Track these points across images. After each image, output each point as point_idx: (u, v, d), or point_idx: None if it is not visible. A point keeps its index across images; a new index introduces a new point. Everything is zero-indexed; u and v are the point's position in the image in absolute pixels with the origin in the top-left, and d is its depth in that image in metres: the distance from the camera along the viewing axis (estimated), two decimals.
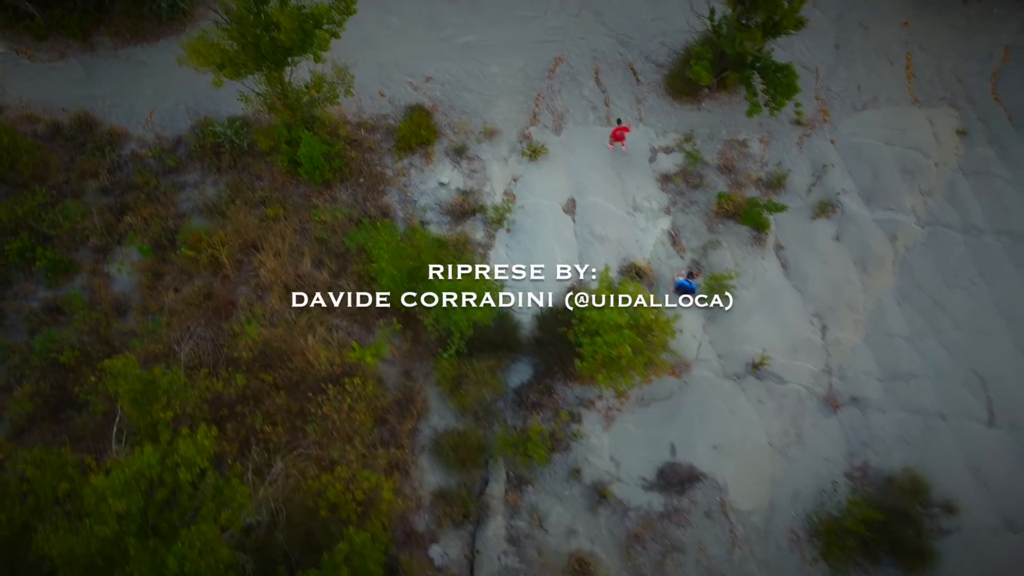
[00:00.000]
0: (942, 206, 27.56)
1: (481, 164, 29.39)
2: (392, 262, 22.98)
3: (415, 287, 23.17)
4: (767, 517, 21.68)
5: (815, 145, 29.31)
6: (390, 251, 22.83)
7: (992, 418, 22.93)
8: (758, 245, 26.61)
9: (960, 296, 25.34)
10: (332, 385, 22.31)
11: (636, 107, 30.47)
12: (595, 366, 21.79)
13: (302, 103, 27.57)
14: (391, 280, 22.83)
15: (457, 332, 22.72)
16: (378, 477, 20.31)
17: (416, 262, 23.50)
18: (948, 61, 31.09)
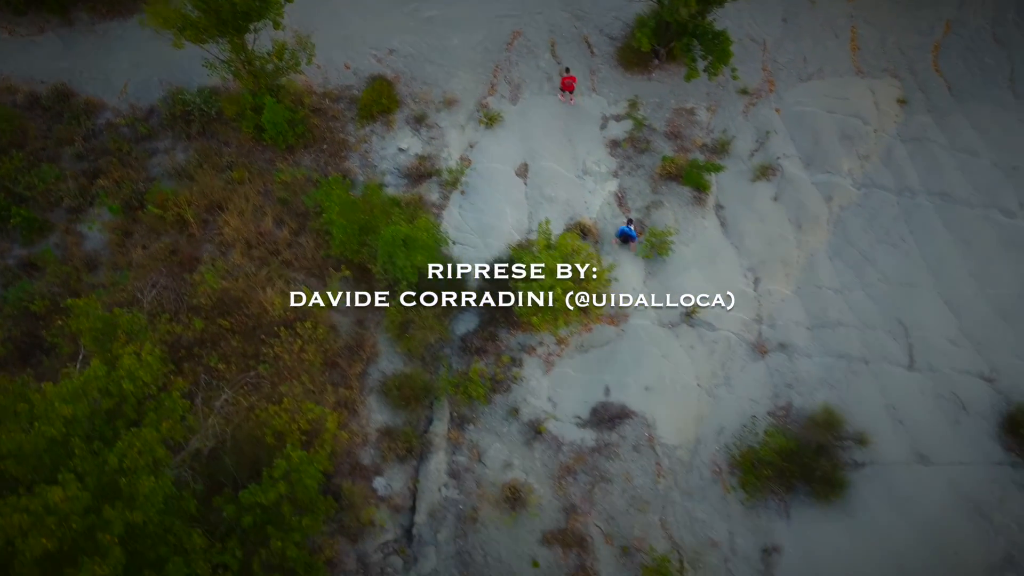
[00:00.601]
0: (879, 169, 28.79)
1: (440, 131, 30.69)
2: (343, 215, 24.21)
3: (366, 239, 24.33)
4: (692, 451, 22.91)
5: (760, 113, 30.56)
6: (341, 205, 24.06)
7: (912, 363, 24.12)
8: (698, 205, 27.86)
9: (890, 252, 26.55)
10: (284, 328, 23.50)
11: (590, 78, 31.77)
12: (531, 309, 22.98)
13: (266, 71, 28.82)
14: (342, 231, 24.06)
15: (403, 279, 23.92)
16: (322, 409, 21.51)
17: (368, 216, 24.71)
18: (892, 34, 32.35)
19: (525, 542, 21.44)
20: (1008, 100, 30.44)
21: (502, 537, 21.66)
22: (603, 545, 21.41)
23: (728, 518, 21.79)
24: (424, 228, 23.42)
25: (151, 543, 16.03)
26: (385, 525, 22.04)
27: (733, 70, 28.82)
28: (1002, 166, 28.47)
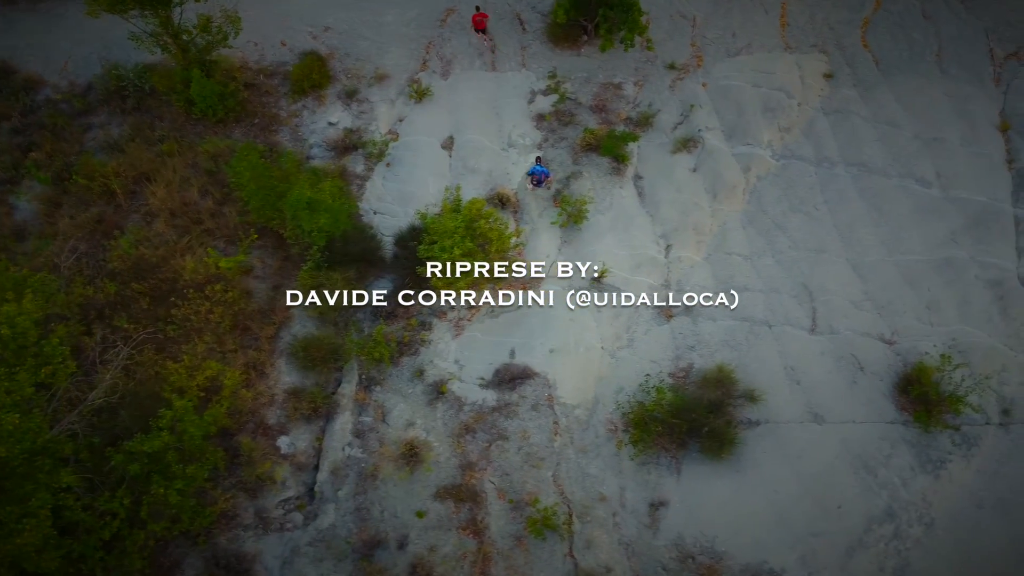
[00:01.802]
0: (799, 141, 29.09)
1: (370, 106, 31.12)
2: (256, 181, 24.61)
3: (278, 205, 24.74)
4: (590, 410, 23.24)
5: (687, 88, 30.89)
6: (253, 171, 24.47)
7: (814, 326, 24.42)
8: (617, 175, 28.21)
9: (802, 220, 26.86)
10: (193, 291, 23.91)
11: (520, 53, 32.15)
12: (435, 273, 23.38)
13: (195, 45, 29.25)
14: (255, 198, 24.47)
15: (315, 244, 24.32)
16: (220, 366, 21.94)
17: (282, 183, 25.12)
18: (821, 10, 32.66)
19: (419, 497, 21.79)
20: (934, 74, 30.69)
21: (399, 492, 22.03)
22: (495, 500, 21.73)
23: (620, 474, 22.10)
24: (329, 192, 23.71)
25: (18, 480, 16.41)
26: (286, 481, 22.34)
27: (648, 41, 29.15)
28: (923, 137, 28.72)
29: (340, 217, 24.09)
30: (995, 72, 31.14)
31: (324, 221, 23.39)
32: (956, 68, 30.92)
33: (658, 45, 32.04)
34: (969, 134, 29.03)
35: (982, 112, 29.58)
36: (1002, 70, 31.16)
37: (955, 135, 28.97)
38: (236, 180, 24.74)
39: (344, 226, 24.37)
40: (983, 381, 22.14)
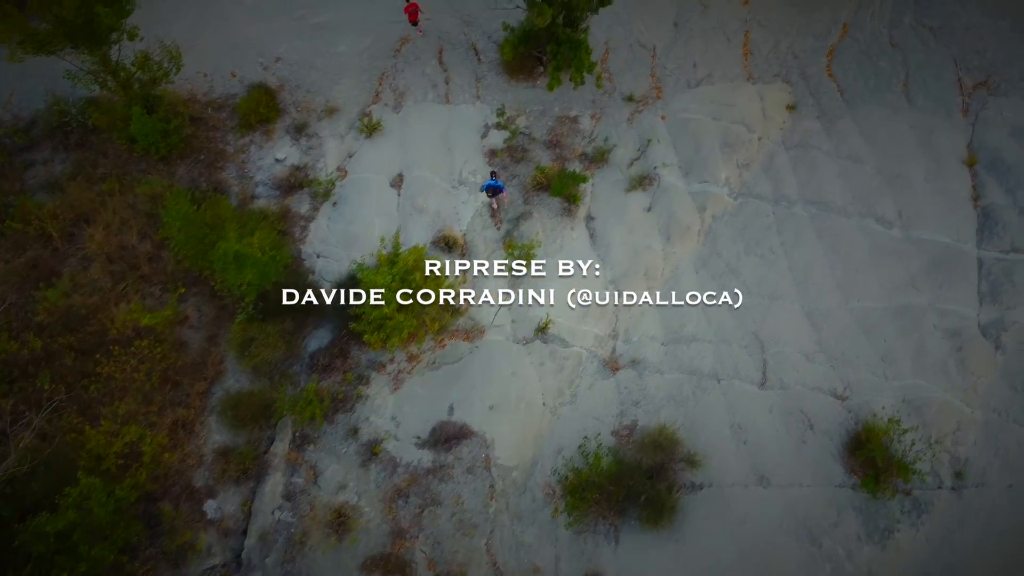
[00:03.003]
0: (757, 177, 28.14)
1: (319, 141, 30.23)
2: (185, 230, 23.74)
3: (209, 255, 23.88)
4: (528, 472, 22.38)
5: (645, 121, 29.93)
6: (182, 219, 23.59)
7: (765, 380, 23.53)
8: (568, 216, 27.30)
9: (757, 263, 25.93)
10: (117, 347, 23.07)
11: (475, 85, 31.21)
12: (368, 327, 22.51)
13: (136, 81, 28.35)
14: (182, 247, 23.61)
15: (247, 296, 23.47)
16: (141, 431, 21.12)
17: (213, 231, 24.24)
18: (786, 38, 31.64)
19: (347, 568, 21.00)
20: (900, 105, 29.71)
21: (327, 562, 21.23)
22: (425, 571, 20.89)
23: (555, 543, 21.27)
24: (259, 244, 22.82)
25: None
26: (211, 548, 21.55)
27: (599, 78, 28.21)
28: (885, 173, 27.77)
29: (270, 270, 23.17)
30: (963, 102, 30.12)
31: (251, 277, 22.51)
32: (923, 98, 29.89)
33: (616, 76, 31.07)
34: (934, 169, 28.06)
35: (948, 145, 28.61)
36: (970, 100, 30.14)
37: (919, 170, 27.99)
38: (164, 231, 23.76)
39: (277, 277, 23.42)
40: (935, 445, 21.19)
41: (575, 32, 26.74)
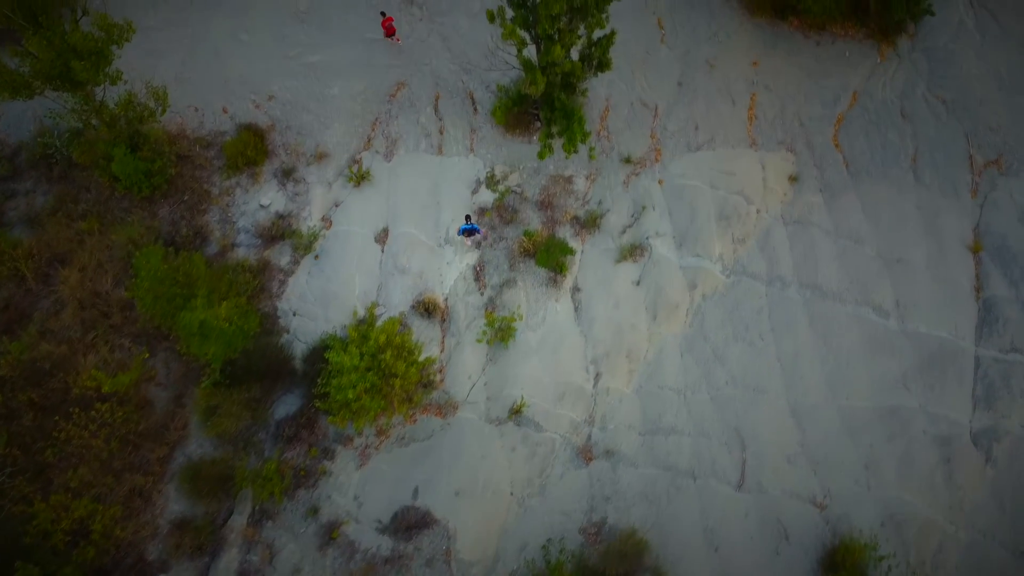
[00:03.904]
0: (752, 255, 27.21)
1: (306, 187, 29.45)
2: (154, 289, 23.05)
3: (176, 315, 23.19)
4: (489, 568, 21.66)
5: (641, 185, 29.02)
6: (151, 278, 22.89)
7: (742, 481, 22.70)
8: (553, 287, 26.47)
9: (744, 351, 25.04)
10: (78, 409, 22.42)
11: (469, 136, 30.35)
12: (333, 406, 21.78)
13: (122, 120, 27.65)
14: (150, 307, 22.92)
15: (213, 364, 22.78)
16: (94, 505, 20.48)
17: (184, 289, 23.54)
18: (793, 103, 30.60)
19: None
20: (907, 182, 28.69)
21: None
22: None
23: None
24: (226, 314, 22.07)
25: None
26: None
27: (591, 150, 27.27)
28: (886, 256, 26.81)
29: (236, 342, 22.44)
30: (973, 182, 29.08)
31: (215, 350, 21.76)
32: (931, 175, 28.85)
33: (615, 135, 30.15)
34: (937, 254, 27.08)
35: (954, 228, 27.63)
36: (980, 180, 29.09)
37: (921, 255, 27.02)
38: (132, 292, 23.06)
39: (244, 346, 22.69)
40: (914, 572, 20.26)
41: (570, 99, 25.75)
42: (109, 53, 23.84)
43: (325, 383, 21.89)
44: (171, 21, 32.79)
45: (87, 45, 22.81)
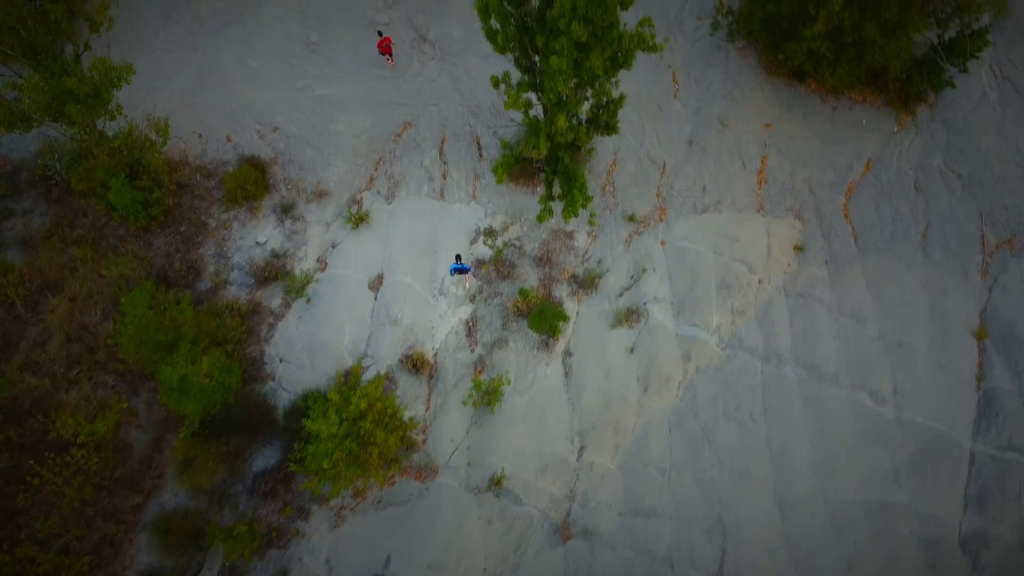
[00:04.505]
0: (751, 328, 26.65)
1: (304, 226, 29.07)
2: (138, 335, 22.75)
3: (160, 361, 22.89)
4: None
5: (643, 245, 28.49)
6: (136, 324, 22.60)
7: (720, 573, 22.14)
8: (545, 350, 26.00)
9: (734, 432, 24.53)
10: (53, 455, 22.18)
11: (472, 183, 29.88)
12: (309, 468, 21.44)
13: (122, 150, 27.37)
14: (133, 354, 22.63)
15: (192, 417, 22.49)
16: (61, 560, 20.23)
17: (170, 336, 23.23)
18: (805, 169, 29.97)
19: None
20: (915, 259, 28.03)
21: None
22: None
23: None
24: (207, 369, 21.73)
25: None
26: None
27: (591, 215, 26.76)
28: (887, 339, 26.20)
29: (216, 398, 22.11)
30: (983, 262, 28.42)
31: (192, 408, 21.43)
32: (941, 253, 28.20)
33: (621, 191, 29.61)
34: (940, 339, 26.47)
35: (960, 311, 27.01)
36: (991, 261, 28.42)
37: (924, 339, 26.41)
38: (114, 339, 22.76)
39: (224, 399, 22.37)
40: None
41: (575, 159, 25.20)
42: (107, 96, 23.45)
43: (301, 448, 21.48)
44: (181, 43, 32.39)
45: (83, 89, 22.40)
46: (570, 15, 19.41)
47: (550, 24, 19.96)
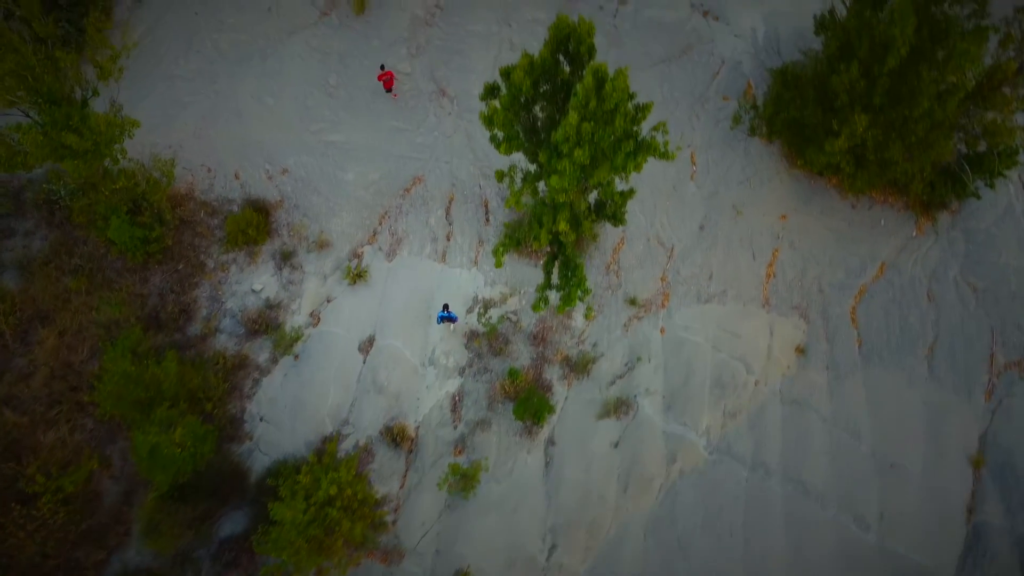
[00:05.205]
0: (741, 433, 26.08)
1: (302, 276, 28.76)
2: (117, 391, 22.54)
3: (138, 417, 22.68)
4: None
5: (642, 331, 27.91)
6: (115, 380, 22.38)
7: None
8: (528, 437, 25.59)
9: (711, 545, 24.00)
10: (19, 506, 22.04)
11: (476, 248, 29.41)
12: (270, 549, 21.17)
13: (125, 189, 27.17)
14: (109, 411, 22.43)
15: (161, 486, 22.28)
16: None
17: (150, 392, 23.01)
18: (816, 266, 29.25)
19: None
20: (919, 374, 27.30)
21: None
22: None
23: None
24: (180, 440, 21.47)
25: None
26: None
27: (588, 309, 26.22)
28: (879, 460, 25.59)
29: (187, 467, 21.84)
30: (989, 382, 27.63)
31: (161, 479, 21.19)
32: (946, 369, 27.45)
33: (625, 271, 29.03)
34: (934, 464, 25.84)
35: (959, 435, 26.34)
36: (998, 381, 27.63)
37: (917, 462, 25.78)
38: (90, 396, 22.55)
39: (196, 467, 22.11)
40: None
41: (576, 252, 24.64)
42: (107, 151, 23.15)
43: (265, 532, 21.16)
44: (200, 72, 32.11)
45: (82, 145, 22.11)
46: (575, 140, 18.85)
47: (554, 143, 19.42)
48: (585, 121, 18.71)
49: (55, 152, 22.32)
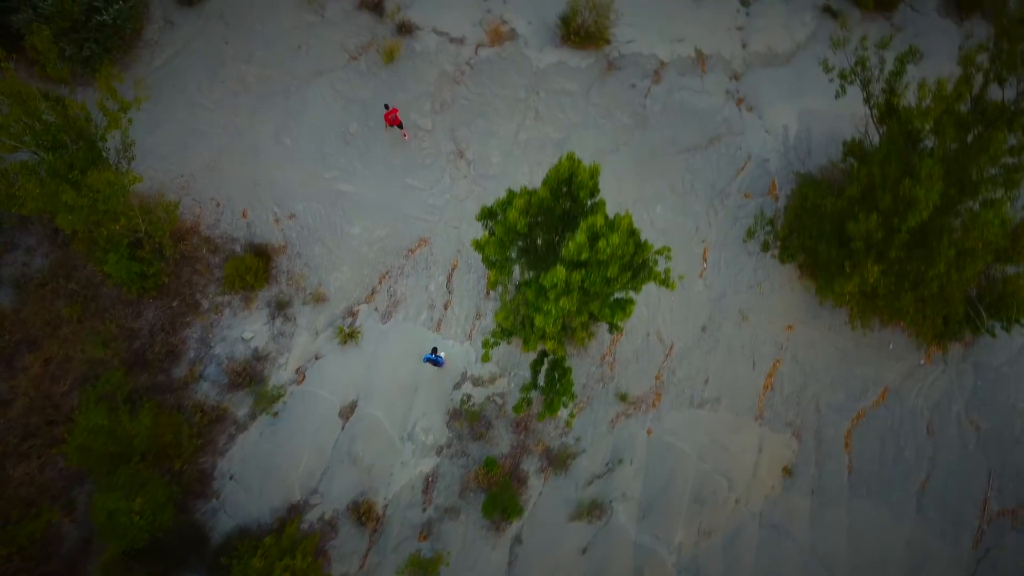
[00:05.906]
0: (713, 554, 25.49)
1: (293, 328, 28.47)
2: (88, 443, 22.42)
3: (104, 473, 22.52)
4: None
5: (628, 430, 27.38)
6: (85, 435, 22.24)
7: None
8: (495, 531, 25.21)
9: None
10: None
11: (472, 322, 28.96)
12: None
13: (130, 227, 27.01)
14: (77, 462, 22.30)
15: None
16: None
17: (121, 446, 22.86)
18: (816, 383, 28.49)
19: None
20: (907, 511, 26.63)
21: None
22: None
23: None
24: (139, 508, 21.27)
25: None
26: None
27: (571, 416, 25.66)
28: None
29: (141, 536, 21.64)
30: (979, 528, 26.80)
31: (115, 545, 21.01)
32: (935, 509, 26.71)
33: (619, 365, 28.43)
34: None
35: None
36: (988, 528, 26.85)
37: None
38: (59, 449, 22.44)
39: (152, 535, 21.94)
40: None
41: (564, 358, 24.08)
42: (103, 206, 22.89)
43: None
44: (222, 104, 31.83)
45: (79, 203, 21.88)
46: (562, 288, 18.25)
47: (543, 284, 18.85)
48: (575, 271, 18.12)
49: (51, 203, 22.04)
